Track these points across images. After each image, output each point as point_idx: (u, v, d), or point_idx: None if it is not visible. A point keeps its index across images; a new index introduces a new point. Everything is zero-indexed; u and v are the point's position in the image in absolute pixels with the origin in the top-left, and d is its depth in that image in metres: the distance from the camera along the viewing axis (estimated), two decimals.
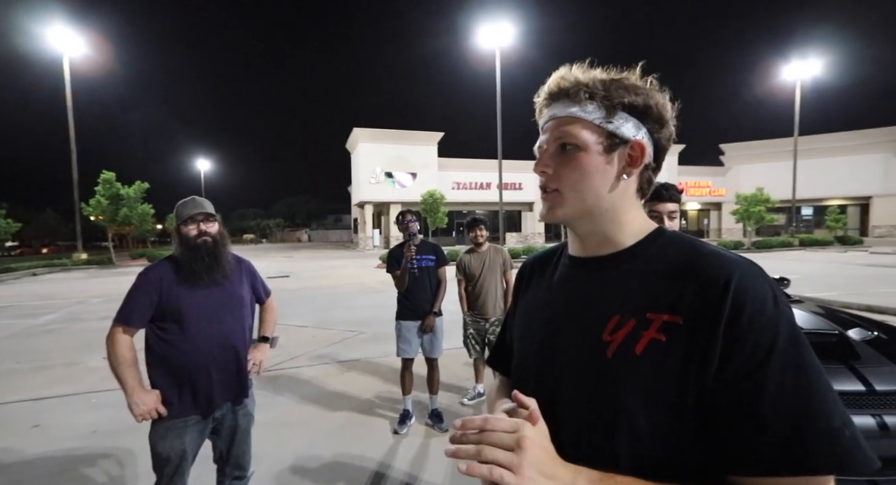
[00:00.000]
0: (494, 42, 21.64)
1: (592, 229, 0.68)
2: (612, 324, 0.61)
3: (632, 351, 0.58)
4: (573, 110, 0.65)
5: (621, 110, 0.64)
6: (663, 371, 0.55)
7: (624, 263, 0.65)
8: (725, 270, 0.56)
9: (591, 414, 0.60)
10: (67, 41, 21.16)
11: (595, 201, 0.66)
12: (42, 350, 5.65)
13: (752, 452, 0.50)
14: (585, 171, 0.65)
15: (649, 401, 0.56)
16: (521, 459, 0.50)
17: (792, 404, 0.50)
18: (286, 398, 3.80)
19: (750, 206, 23.40)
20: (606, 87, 0.64)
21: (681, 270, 0.59)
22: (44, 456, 2.89)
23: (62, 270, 18.71)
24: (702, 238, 3.69)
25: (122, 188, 20.79)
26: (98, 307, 8.77)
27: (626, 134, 0.65)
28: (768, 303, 0.53)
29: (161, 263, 1.79)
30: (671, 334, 0.56)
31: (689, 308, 0.56)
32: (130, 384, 1.65)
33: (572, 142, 0.65)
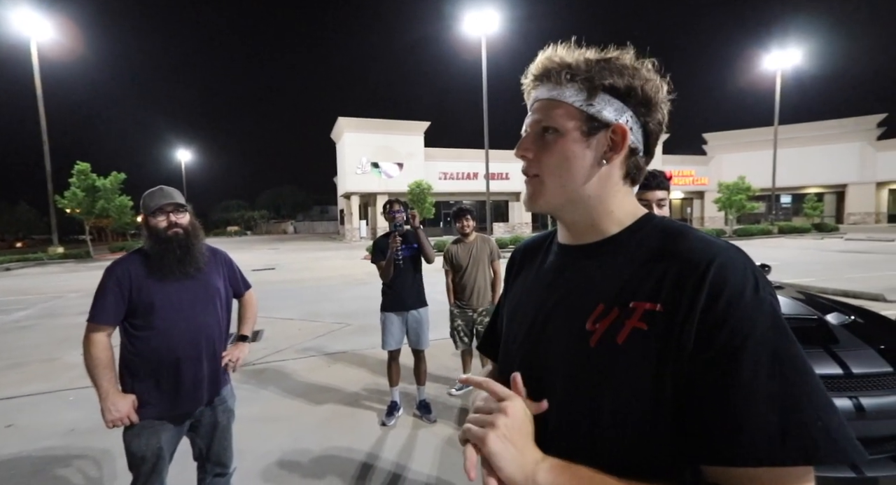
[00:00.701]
0: (480, 29, 21.39)
1: (577, 217, 0.66)
2: (597, 313, 0.59)
3: (614, 341, 0.56)
4: (555, 93, 0.64)
5: (603, 92, 0.61)
6: (644, 361, 0.54)
7: (609, 251, 0.64)
8: (706, 255, 0.54)
9: (574, 403, 0.59)
10: (34, 25, 20.23)
11: (576, 188, 0.64)
12: (16, 347, 5.47)
13: (724, 441, 0.48)
14: (564, 156, 0.63)
15: (630, 391, 0.54)
16: (497, 419, 0.54)
17: (766, 394, 0.47)
18: (271, 392, 3.75)
19: (731, 194, 23.84)
20: (590, 67, 0.62)
21: (662, 257, 0.58)
22: (18, 456, 2.80)
23: (37, 264, 18.16)
24: None
25: (98, 180, 20.16)
26: (76, 302, 8.53)
27: (607, 117, 0.62)
28: (748, 289, 0.51)
29: (129, 257, 1.72)
30: (653, 323, 0.54)
31: (668, 295, 0.54)
32: (105, 387, 1.60)
33: (552, 126, 0.64)
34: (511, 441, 0.53)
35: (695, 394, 0.51)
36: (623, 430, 0.55)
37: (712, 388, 0.49)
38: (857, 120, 31.87)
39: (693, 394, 0.51)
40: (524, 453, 0.53)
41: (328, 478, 2.46)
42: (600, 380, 0.57)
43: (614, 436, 0.55)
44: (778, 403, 0.47)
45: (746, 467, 0.47)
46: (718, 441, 0.49)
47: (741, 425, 0.48)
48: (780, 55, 27.26)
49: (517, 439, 0.53)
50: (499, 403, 0.56)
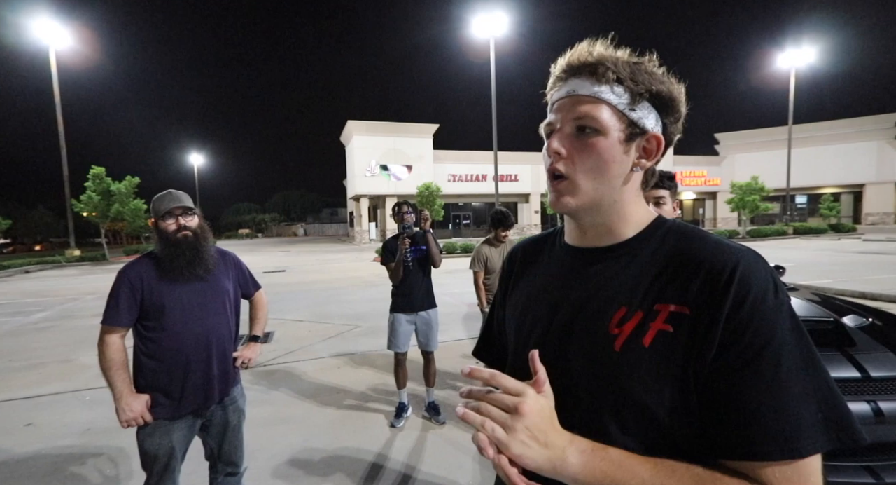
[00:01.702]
0: (489, 32, 21.41)
1: (599, 220, 0.66)
2: (619, 316, 0.59)
3: (640, 343, 0.57)
4: (598, 90, 0.61)
5: (646, 99, 0.61)
6: (671, 362, 0.55)
7: (626, 255, 0.64)
8: (730, 259, 0.56)
9: (597, 405, 0.59)
10: (53, 34, 20.75)
11: (606, 192, 0.63)
12: (35, 348, 5.60)
13: (750, 437, 0.50)
14: (603, 158, 0.61)
15: (657, 392, 0.55)
16: (515, 421, 0.51)
17: (788, 390, 0.50)
18: (282, 393, 3.79)
19: (745, 195, 23.48)
20: (633, 70, 0.61)
21: (686, 260, 0.59)
22: (37, 455, 2.86)
23: (55, 267, 18.55)
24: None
25: (113, 184, 20.56)
26: (92, 304, 8.70)
27: (646, 125, 0.62)
28: (769, 292, 0.53)
29: (140, 260, 1.75)
30: (679, 325, 0.55)
31: (695, 298, 0.55)
32: (119, 388, 1.63)
33: (593, 125, 0.61)
34: (534, 439, 0.52)
35: (718, 393, 0.52)
36: (649, 430, 0.56)
37: (736, 387, 0.51)
38: (874, 118, 31.18)
39: (717, 393, 0.53)
40: (549, 445, 0.52)
41: (338, 478, 2.47)
42: (626, 383, 0.57)
43: (640, 437, 0.56)
44: (796, 399, 0.50)
45: (769, 461, 0.50)
46: (744, 437, 0.51)
47: (765, 421, 0.50)
48: (794, 53, 26.83)
49: (539, 435, 0.52)
50: (513, 398, 0.53)
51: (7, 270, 16.60)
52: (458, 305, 6.75)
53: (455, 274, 9.19)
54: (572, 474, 0.52)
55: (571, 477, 0.52)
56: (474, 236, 27.91)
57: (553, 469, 0.52)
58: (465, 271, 10.25)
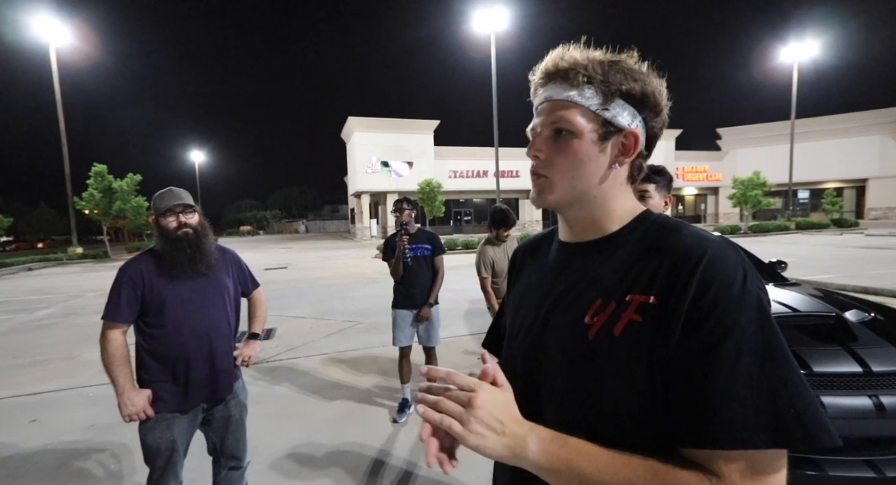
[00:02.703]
0: (490, 27, 21.30)
1: (580, 215, 0.68)
2: (595, 307, 0.61)
3: (611, 333, 0.59)
4: (570, 94, 0.64)
5: (619, 97, 0.63)
6: (639, 351, 0.56)
7: (608, 248, 0.66)
8: (698, 249, 0.56)
9: (574, 394, 0.61)
10: (53, 31, 20.71)
11: (585, 189, 0.66)
12: (38, 345, 5.63)
13: (701, 425, 0.51)
14: (578, 158, 0.64)
15: (628, 380, 0.57)
16: (469, 415, 0.53)
17: (743, 381, 0.50)
18: (284, 389, 3.81)
19: (747, 190, 23.41)
20: (605, 71, 0.63)
21: (657, 252, 0.60)
22: (42, 450, 2.89)
23: (58, 264, 18.63)
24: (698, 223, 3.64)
25: (115, 181, 20.58)
26: (94, 301, 8.73)
27: (621, 123, 0.64)
28: (736, 283, 0.53)
29: (141, 257, 1.76)
30: (646, 314, 0.57)
31: (660, 287, 0.57)
32: (121, 383, 1.64)
33: (567, 128, 0.64)
34: (490, 429, 0.54)
35: (677, 380, 0.53)
36: (621, 418, 0.57)
37: (693, 374, 0.52)
38: (876, 112, 31.02)
39: (676, 380, 0.54)
40: (506, 433, 0.54)
41: (341, 473, 2.49)
42: (599, 371, 0.59)
43: (613, 425, 0.58)
44: (754, 390, 0.50)
45: (721, 450, 0.50)
46: (696, 424, 0.51)
47: (718, 409, 0.50)
48: (797, 47, 26.67)
49: (495, 425, 0.54)
50: (466, 394, 0.55)
51: (10, 267, 16.67)
52: (459, 301, 6.76)
53: (456, 270, 9.20)
54: (532, 460, 0.54)
55: (532, 463, 0.54)
56: (475, 233, 27.91)
57: (513, 456, 0.54)
58: (466, 267, 10.28)
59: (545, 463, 0.54)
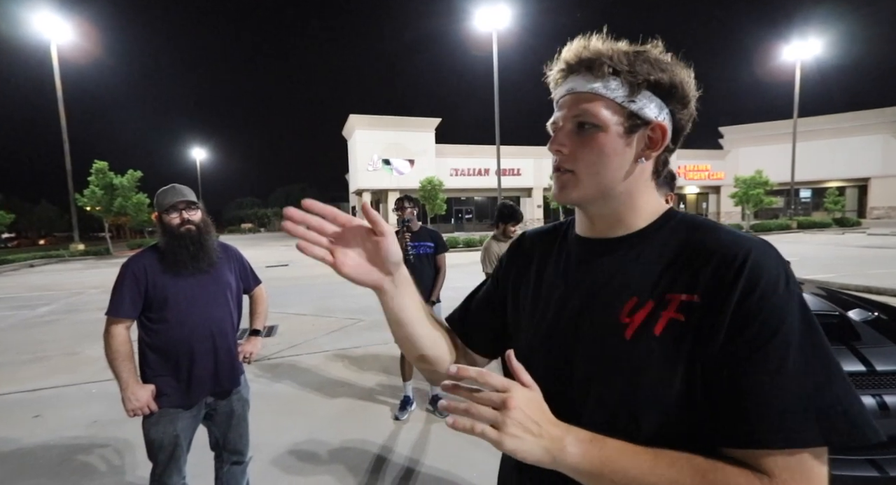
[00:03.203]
0: (492, 25, 21.25)
1: (605, 211, 0.66)
2: (630, 306, 0.60)
3: (651, 332, 0.57)
4: (594, 86, 0.61)
5: (645, 89, 0.61)
6: (681, 350, 0.55)
7: (637, 245, 0.64)
8: (742, 248, 0.55)
9: (609, 395, 0.59)
10: (54, 28, 20.70)
11: (610, 184, 0.63)
12: (41, 341, 5.65)
13: (749, 425, 0.50)
14: (603, 152, 0.62)
15: (667, 380, 0.56)
16: (504, 417, 0.51)
17: (791, 382, 0.50)
18: (286, 386, 3.81)
19: (748, 189, 23.39)
20: (631, 61, 0.61)
21: (697, 250, 0.59)
22: (45, 446, 2.90)
23: (59, 261, 18.67)
24: None
25: (116, 178, 20.59)
26: (96, 298, 8.75)
27: (648, 115, 0.61)
28: (780, 282, 0.53)
29: (144, 253, 1.77)
30: (689, 313, 0.56)
31: (705, 286, 0.56)
32: (125, 379, 1.65)
33: (591, 121, 0.62)
34: (528, 432, 0.52)
35: (722, 380, 0.52)
36: (659, 419, 0.56)
37: (740, 374, 0.51)
38: (879, 111, 30.93)
39: (720, 380, 0.53)
40: (544, 435, 0.52)
41: (343, 470, 2.49)
42: (637, 371, 0.57)
43: (650, 425, 0.56)
44: (802, 388, 0.50)
45: (768, 449, 0.49)
46: (744, 425, 0.50)
47: (766, 409, 0.50)
48: (800, 45, 26.59)
49: (532, 427, 0.52)
50: (500, 395, 0.52)
51: (12, 264, 16.71)
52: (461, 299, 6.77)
53: (458, 268, 9.20)
54: (572, 464, 0.52)
55: (571, 467, 0.52)
56: (476, 231, 27.90)
57: (552, 460, 0.52)
58: (468, 265, 10.28)
59: (586, 466, 0.52)
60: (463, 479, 2.36)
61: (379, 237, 0.63)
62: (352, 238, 0.64)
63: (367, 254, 0.65)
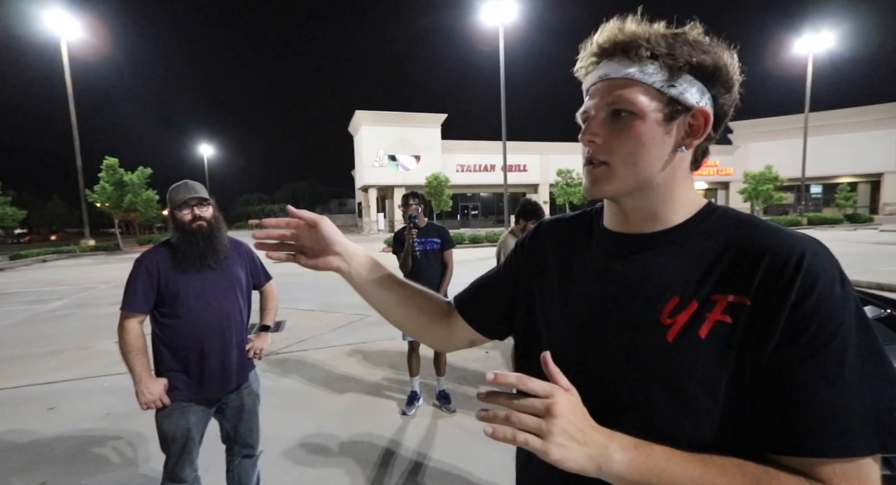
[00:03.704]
0: (498, 19, 21.09)
1: (641, 205, 0.62)
2: (671, 306, 0.56)
3: (695, 334, 0.54)
4: (630, 71, 0.57)
5: (686, 72, 0.56)
6: (728, 353, 0.53)
7: (675, 242, 0.60)
8: (796, 248, 0.52)
9: (644, 398, 0.57)
10: (64, 25, 20.88)
11: (648, 176, 0.59)
12: (54, 335, 5.74)
13: (804, 434, 0.48)
14: (641, 142, 0.57)
15: (712, 384, 0.53)
16: (550, 425, 0.48)
17: (851, 387, 0.48)
18: (294, 381, 3.85)
19: (758, 184, 23.15)
20: (670, 44, 0.56)
21: (745, 249, 0.55)
22: (59, 437, 2.96)
23: (71, 256, 18.91)
24: None
25: (126, 174, 20.81)
26: (107, 293, 8.87)
27: (689, 100, 0.57)
28: (836, 284, 0.51)
29: (157, 249, 1.79)
30: (738, 316, 0.53)
31: (758, 288, 0.52)
32: (138, 372, 1.68)
33: (627, 108, 0.57)
34: (573, 440, 0.49)
35: (778, 387, 0.50)
36: (701, 424, 0.54)
37: (795, 381, 0.49)
38: (893, 105, 30.33)
39: (776, 387, 0.50)
40: (590, 444, 0.50)
41: (351, 464, 2.52)
42: (680, 375, 0.54)
43: (693, 429, 0.54)
44: (860, 395, 0.48)
45: (829, 458, 0.48)
46: (800, 433, 0.49)
47: (825, 417, 0.48)
48: (812, 38, 26.11)
49: (577, 435, 0.49)
50: (543, 401, 0.50)
51: (25, 259, 16.96)
52: None
53: (464, 264, 9.19)
54: (618, 472, 0.50)
55: (617, 476, 0.50)
56: (483, 227, 27.85)
57: (598, 469, 0.50)
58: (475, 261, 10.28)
59: (632, 474, 0.50)
60: (470, 474, 2.37)
61: (315, 227, 0.76)
62: (303, 237, 0.78)
63: (317, 245, 0.77)
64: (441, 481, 2.33)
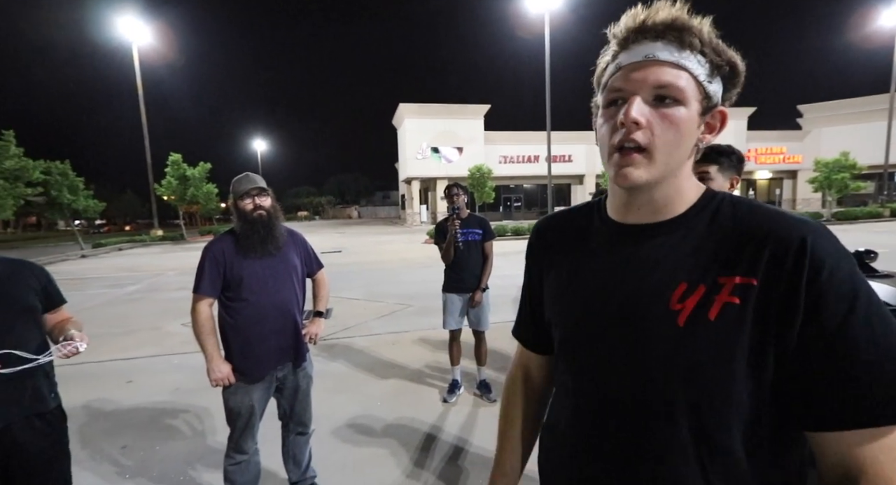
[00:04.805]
0: (543, 5, 20.48)
1: (656, 196, 0.62)
2: (680, 292, 0.58)
3: (705, 317, 0.56)
4: (683, 56, 0.56)
5: (718, 71, 0.58)
6: (740, 334, 0.54)
7: (680, 229, 0.61)
8: (799, 230, 0.54)
9: (662, 383, 0.58)
10: (135, 31, 22.53)
11: (676, 167, 0.60)
12: (129, 316, 6.34)
13: (842, 405, 0.50)
14: (680, 131, 0.57)
15: (726, 364, 0.55)
16: None
17: (881, 354, 0.50)
18: (341, 365, 4.03)
19: (831, 173, 21.12)
20: (715, 41, 0.57)
21: (747, 232, 0.57)
22: (136, 407, 3.29)
23: (142, 245, 20.66)
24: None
25: (188, 169, 22.34)
26: (173, 279, 9.63)
27: (716, 99, 0.59)
28: (843, 260, 0.53)
29: (223, 237, 1.93)
30: (746, 297, 0.55)
31: (764, 269, 0.54)
32: (210, 352, 1.83)
33: (675, 95, 0.56)
34: None
35: (810, 363, 0.52)
36: (718, 404, 0.56)
37: (829, 355, 0.51)
38: None
39: (808, 363, 0.52)
40: None
41: (395, 445, 2.62)
42: (693, 357, 0.56)
43: (712, 411, 0.56)
44: (888, 361, 0.50)
45: (866, 428, 0.50)
46: (837, 405, 0.51)
47: (866, 387, 0.50)
48: None
49: None
50: None
51: (104, 247, 18.73)
52: (508, 286, 6.75)
53: (506, 256, 9.15)
54: None
55: None
56: (526, 219, 27.48)
57: None
58: (516, 254, 10.15)
59: None
60: None
61: None
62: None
63: None
64: (482, 467, 2.38)
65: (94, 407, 3.31)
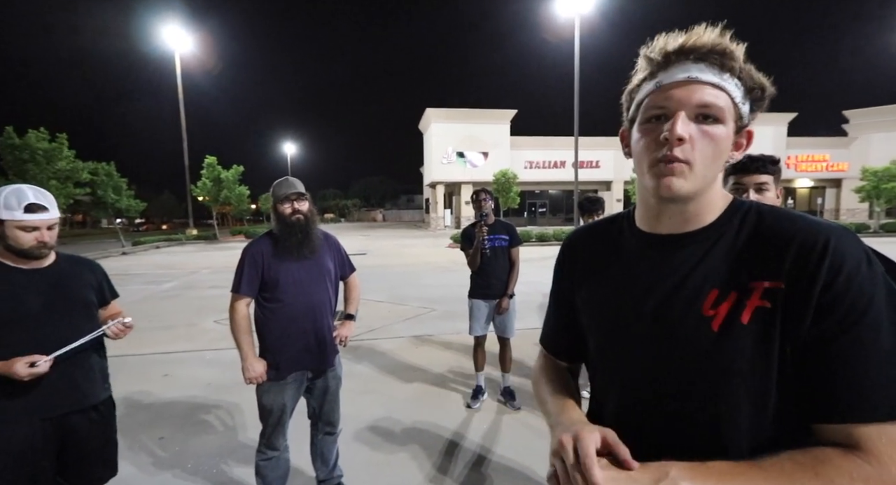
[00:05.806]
0: (573, 10, 20.31)
1: (689, 208, 0.65)
2: (712, 299, 0.61)
3: (738, 321, 0.59)
4: (723, 78, 0.61)
5: (751, 95, 0.63)
6: (770, 336, 0.58)
7: (710, 239, 0.65)
8: (822, 234, 0.57)
9: (698, 389, 0.61)
10: (177, 39, 23.62)
11: (711, 181, 0.64)
12: (166, 312, 6.62)
13: (848, 400, 0.53)
14: (718, 148, 0.62)
15: (760, 365, 0.58)
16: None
17: (889, 353, 0.52)
18: (366, 367, 4.09)
19: (880, 182, 19.96)
20: (749, 65, 0.62)
21: (774, 238, 0.60)
22: (173, 401, 3.43)
23: (178, 244, 21.53)
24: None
25: (222, 171, 23.21)
26: (207, 277, 9.99)
27: (746, 120, 0.64)
28: (863, 263, 0.55)
29: (261, 239, 2.00)
30: (775, 300, 0.58)
31: (789, 272, 0.57)
32: (245, 350, 1.90)
33: (716, 114, 0.61)
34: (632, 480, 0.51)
35: (819, 360, 0.55)
36: (750, 407, 0.59)
37: (838, 353, 0.54)
38: None
39: (817, 360, 0.55)
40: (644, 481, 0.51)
41: (418, 449, 2.64)
42: (729, 361, 0.59)
43: (746, 413, 0.59)
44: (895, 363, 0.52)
45: (878, 423, 0.51)
46: (848, 400, 0.53)
47: (869, 383, 0.52)
48: None
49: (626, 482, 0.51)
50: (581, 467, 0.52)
51: (143, 245, 19.63)
52: (533, 293, 6.68)
53: (531, 262, 9.07)
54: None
55: None
56: (550, 225, 27.15)
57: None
58: (540, 260, 10.06)
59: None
60: (533, 471, 2.38)
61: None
62: None
63: None
64: (505, 475, 2.36)
65: (134, 399, 3.47)
